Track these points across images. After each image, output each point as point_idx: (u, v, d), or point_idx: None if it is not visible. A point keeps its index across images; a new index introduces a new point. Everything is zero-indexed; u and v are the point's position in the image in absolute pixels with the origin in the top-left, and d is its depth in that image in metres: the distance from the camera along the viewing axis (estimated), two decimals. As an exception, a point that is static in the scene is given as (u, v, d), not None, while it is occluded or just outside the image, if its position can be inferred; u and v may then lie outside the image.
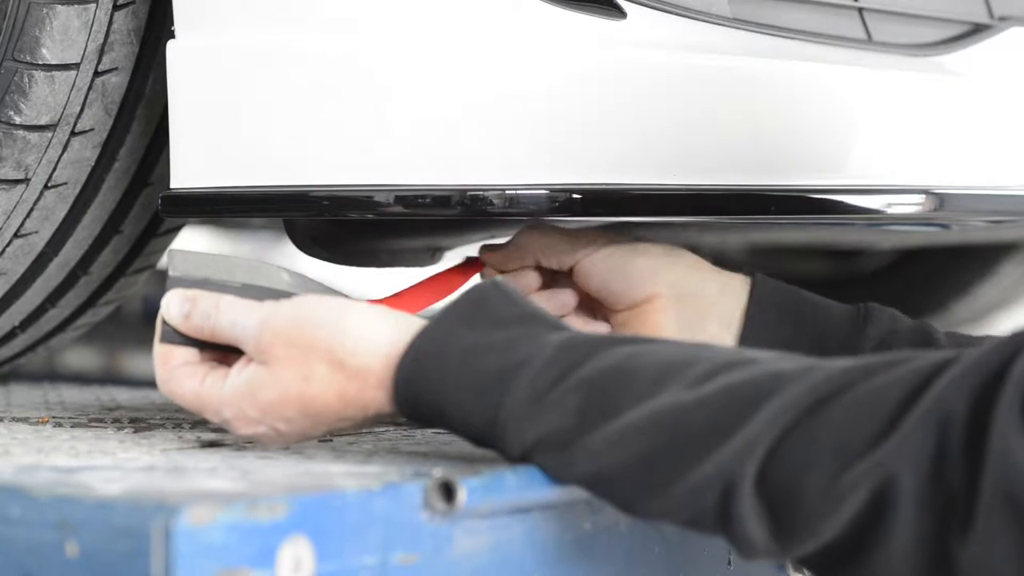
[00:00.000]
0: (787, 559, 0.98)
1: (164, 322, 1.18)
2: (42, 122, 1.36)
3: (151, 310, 1.24)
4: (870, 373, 0.96)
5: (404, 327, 1.11)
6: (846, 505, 0.93)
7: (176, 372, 1.17)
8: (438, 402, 1.08)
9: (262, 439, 1.17)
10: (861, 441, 0.93)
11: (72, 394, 1.70)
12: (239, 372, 1.15)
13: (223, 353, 1.17)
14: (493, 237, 1.66)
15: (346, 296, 1.25)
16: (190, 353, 1.18)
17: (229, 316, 1.16)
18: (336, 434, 1.18)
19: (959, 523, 0.89)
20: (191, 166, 1.32)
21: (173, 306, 1.18)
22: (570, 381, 1.04)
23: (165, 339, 1.18)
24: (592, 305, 1.41)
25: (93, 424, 1.36)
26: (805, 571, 1.18)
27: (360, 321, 1.13)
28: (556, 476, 1.05)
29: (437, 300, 1.37)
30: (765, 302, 1.36)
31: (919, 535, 0.91)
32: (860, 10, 1.43)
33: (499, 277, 1.26)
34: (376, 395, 1.11)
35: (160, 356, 1.18)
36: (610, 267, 1.37)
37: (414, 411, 1.09)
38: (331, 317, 1.13)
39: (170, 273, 1.20)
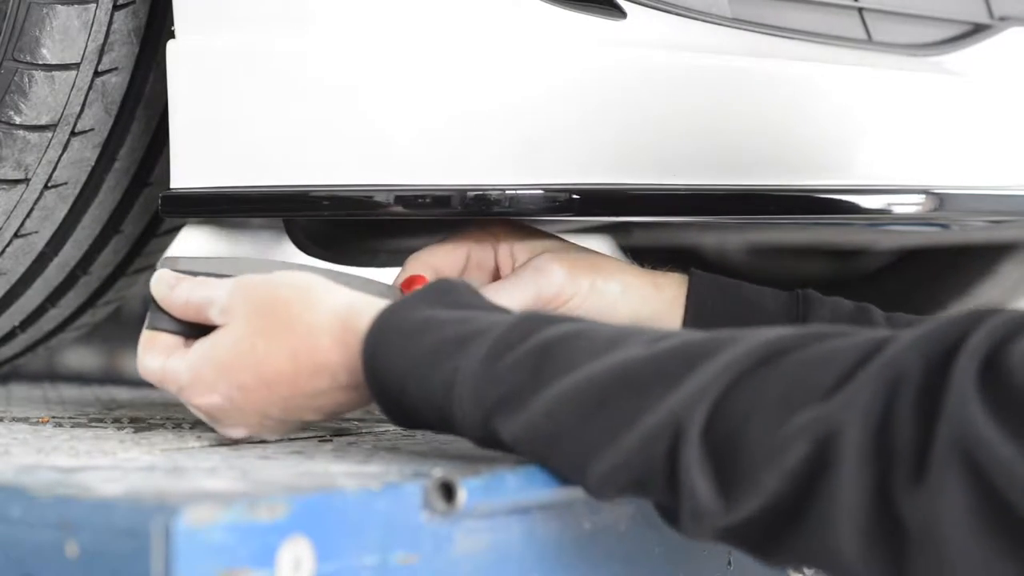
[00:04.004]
0: (733, 522, 0.96)
1: (152, 309, 1.21)
2: (42, 122, 1.36)
3: (151, 310, 1.26)
4: (826, 336, 0.97)
5: (369, 301, 1.13)
6: (788, 455, 0.92)
7: (151, 350, 1.20)
8: (400, 373, 1.08)
9: (216, 414, 1.18)
10: (808, 393, 0.93)
11: (72, 394, 1.70)
12: (205, 339, 1.17)
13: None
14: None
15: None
16: (173, 340, 1.20)
17: (206, 289, 1.19)
18: (295, 417, 1.17)
19: (906, 478, 0.89)
20: (191, 166, 1.32)
21: (162, 280, 1.22)
22: (529, 343, 1.04)
23: (151, 325, 1.21)
24: None
25: (93, 424, 1.36)
26: (804, 571, 1.18)
27: (325, 287, 1.15)
28: (514, 440, 1.04)
29: None
30: (700, 306, 1.36)
31: (861, 490, 0.91)
32: (860, 10, 1.43)
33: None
34: (329, 358, 1.12)
35: (143, 341, 1.22)
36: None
37: (379, 387, 1.09)
38: (299, 281, 1.15)
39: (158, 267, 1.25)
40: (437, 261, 1.34)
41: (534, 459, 1.06)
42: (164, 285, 1.22)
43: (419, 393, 1.08)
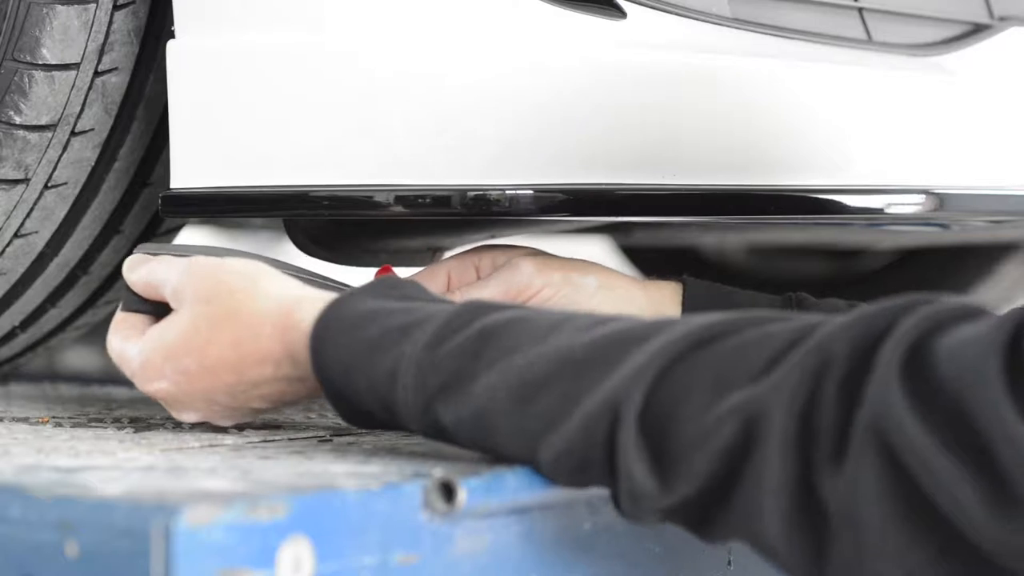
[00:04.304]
0: (670, 504, 0.97)
1: (124, 290, 1.24)
2: (42, 122, 1.36)
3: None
4: (762, 321, 0.98)
5: (314, 293, 1.14)
6: (718, 437, 0.93)
7: (117, 331, 1.23)
8: (346, 365, 1.08)
9: (166, 398, 1.20)
10: (740, 376, 0.94)
11: (72, 394, 1.70)
12: (156, 326, 1.19)
13: None
14: (493, 237, 1.66)
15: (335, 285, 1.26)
16: (140, 321, 1.23)
17: (164, 271, 1.21)
18: (242, 404, 1.18)
19: (827, 461, 0.90)
20: (191, 166, 1.32)
21: (133, 261, 1.25)
22: (470, 329, 1.05)
23: (123, 305, 1.25)
24: None
25: (93, 424, 1.36)
26: None
27: (271, 277, 1.16)
28: (456, 426, 1.05)
29: None
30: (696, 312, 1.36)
31: (784, 473, 0.91)
32: (860, 10, 1.43)
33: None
34: (271, 348, 1.13)
35: (114, 321, 1.24)
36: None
37: (327, 381, 1.10)
38: (247, 269, 1.17)
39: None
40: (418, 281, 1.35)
41: (475, 446, 1.07)
42: (133, 265, 1.25)
43: (364, 383, 1.08)
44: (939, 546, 0.88)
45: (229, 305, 1.15)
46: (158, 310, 1.22)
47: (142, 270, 1.23)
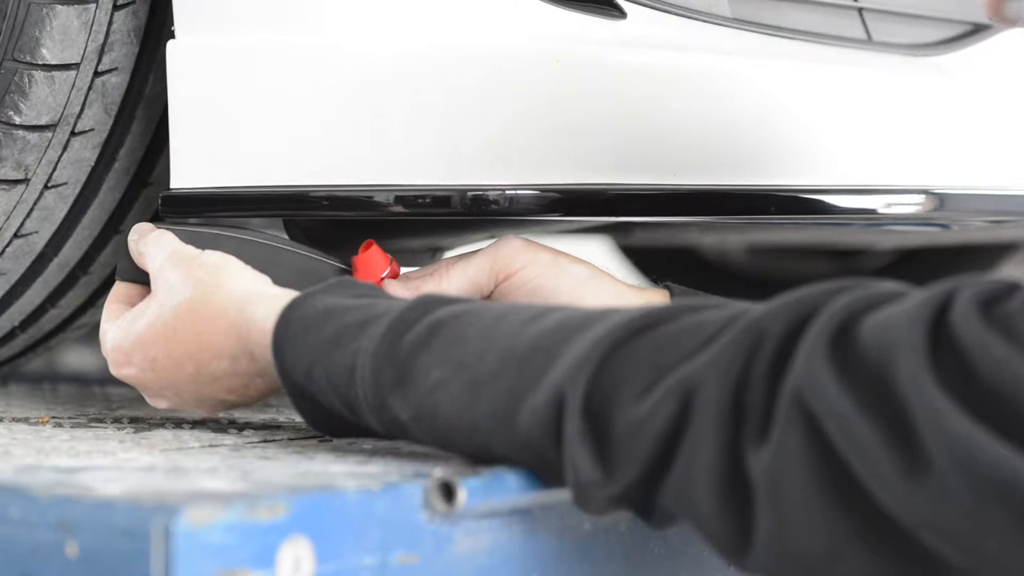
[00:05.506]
0: (615, 492, 0.97)
1: (121, 259, 1.28)
2: (42, 122, 1.36)
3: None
4: (699, 308, 0.98)
5: (269, 290, 1.16)
6: (656, 419, 0.93)
7: (108, 304, 1.25)
8: (307, 363, 1.10)
9: (135, 384, 1.22)
10: (676, 357, 0.95)
11: (72, 394, 1.70)
12: (128, 313, 1.22)
13: None
14: (493, 237, 1.66)
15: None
16: (133, 292, 1.26)
17: (155, 247, 1.23)
18: (208, 396, 1.20)
19: (754, 435, 0.90)
20: (191, 166, 1.32)
21: (136, 230, 1.27)
22: (422, 323, 1.06)
23: (119, 275, 1.28)
24: None
25: (93, 424, 1.36)
26: None
27: (233, 271, 1.19)
28: (413, 421, 1.05)
29: None
30: None
31: (714, 447, 0.91)
32: (860, 10, 1.43)
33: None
34: (227, 343, 1.15)
35: (110, 294, 1.27)
36: (532, 292, 1.31)
37: (289, 380, 1.11)
38: (215, 262, 1.19)
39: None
40: (413, 276, 1.35)
41: (435, 444, 1.07)
42: (135, 234, 1.27)
43: (325, 382, 1.09)
44: (860, 518, 0.88)
45: (192, 297, 1.17)
46: (149, 280, 1.24)
47: (141, 240, 1.26)
